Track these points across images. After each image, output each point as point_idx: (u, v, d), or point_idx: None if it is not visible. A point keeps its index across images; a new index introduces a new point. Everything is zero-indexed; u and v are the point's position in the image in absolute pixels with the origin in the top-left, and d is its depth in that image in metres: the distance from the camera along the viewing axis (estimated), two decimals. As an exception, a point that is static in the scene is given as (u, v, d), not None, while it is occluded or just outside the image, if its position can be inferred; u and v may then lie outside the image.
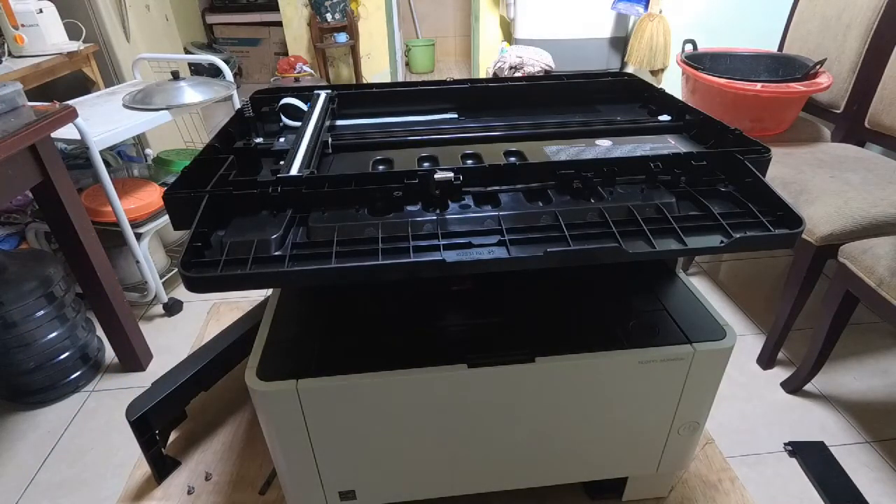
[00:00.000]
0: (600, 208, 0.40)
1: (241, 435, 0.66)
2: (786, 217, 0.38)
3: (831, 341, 1.29)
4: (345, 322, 0.49)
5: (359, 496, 0.51)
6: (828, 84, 1.48)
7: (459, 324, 0.49)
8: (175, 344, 1.66)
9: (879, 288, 1.11)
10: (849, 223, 1.24)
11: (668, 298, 0.51)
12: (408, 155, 0.50)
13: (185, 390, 0.63)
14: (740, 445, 1.32)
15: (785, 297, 1.40)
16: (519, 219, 0.40)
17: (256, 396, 0.44)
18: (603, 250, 0.36)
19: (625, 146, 0.51)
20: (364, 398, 0.44)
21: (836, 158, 1.52)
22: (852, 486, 1.19)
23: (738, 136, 0.48)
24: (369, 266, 0.35)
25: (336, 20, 3.16)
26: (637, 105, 0.64)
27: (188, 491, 0.60)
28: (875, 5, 1.50)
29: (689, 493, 0.59)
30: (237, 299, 0.90)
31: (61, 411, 1.44)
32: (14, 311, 1.32)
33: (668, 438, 0.51)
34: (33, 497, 1.23)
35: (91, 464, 1.29)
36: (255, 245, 0.36)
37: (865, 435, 1.33)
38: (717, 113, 0.52)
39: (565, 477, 0.55)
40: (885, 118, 1.51)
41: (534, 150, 0.51)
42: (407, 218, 0.40)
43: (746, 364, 1.55)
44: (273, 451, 0.48)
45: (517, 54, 2.58)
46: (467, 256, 0.36)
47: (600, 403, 0.48)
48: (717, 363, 0.47)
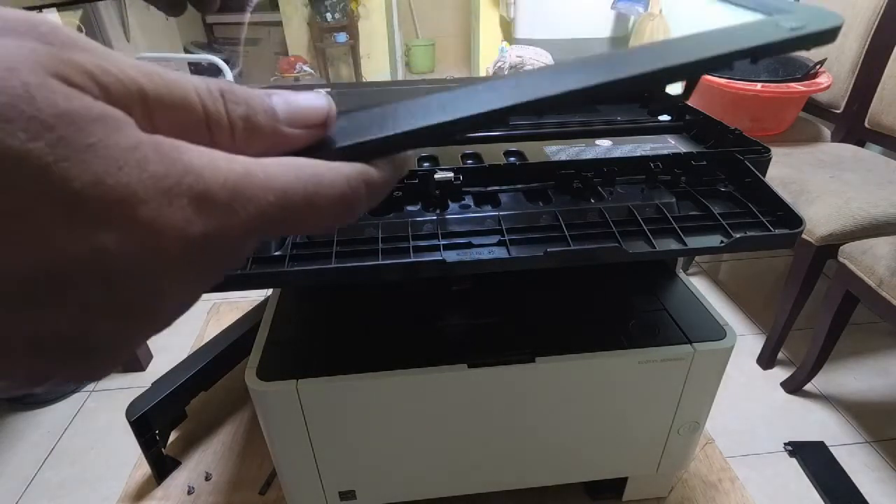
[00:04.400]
0: (600, 208, 0.40)
1: (241, 435, 0.66)
2: (786, 217, 0.38)
3: (831, 341, 1.29)
4: (345, 322, 0.49)
5: (359, 496, 0.51)
6: (828, 84, 1.48)
7: (459, 324, 0.49)
8: (175, 344, 1.66)
9: (879, 288, 1.11)
10: (849, 223, 1.24)
11: (668, 298, 0.51)
12: (408, 155, 0.50)
13: (185, 390, 0.63)
14: (740, 445, 1.32)
15: (785, 297, 1.40)
16: (519, 219, 0.40)
17: (256, 396, 0.44)
18: (603, 250, 0.36)
19: (625, 146, 0.51)
20: (364, 398, 0.44)
21: (836, 158, 1.52)
22: (852, 486, 1.19)
23: (738, 136, 0.48)
24: (369, 266, 0.35)
25: (336, 20, 3.16)
26: (637, 105, 0.63)
27: (188, 491, 0.60)
28: (875, 5, 1.50)
29: (689, 493, 0.59)
30: (237, 299, 0.90)
31: (61, 411, 1.44)
32: (14, 311, 1.33)
33: (668, 438, 0.51)
34: (33, 497, 1.23)
35: (91, 464, 1.29)
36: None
37: (865, 435, 1.33)
38: (717, 113, 0.52)
39: (565, 477, 0.55)
40: (885, 118, 1.51)
41: (534, 150, 0.51)
42: (407, 218, 0.40)
43: (746, 364, 1.55)
44: (273, 451, 0.48)
45: (517, 54, 2.58)
46: (467, 256, 0.36)
47: (600, 403, 0.48)
48: (718, 363, 0.47)
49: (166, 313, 0.14)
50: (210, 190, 0.13)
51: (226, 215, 0.13)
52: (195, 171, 0.12)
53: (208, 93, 0.14)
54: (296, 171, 0.14)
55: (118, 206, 0.11)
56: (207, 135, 0.14)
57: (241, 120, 0.15)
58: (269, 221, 0.14)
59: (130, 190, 0.11)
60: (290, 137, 0.16)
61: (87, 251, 0.11)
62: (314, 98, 0.16)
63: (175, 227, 0.12)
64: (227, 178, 0.13)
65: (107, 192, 0.11)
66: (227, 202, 0.13)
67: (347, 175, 0.16)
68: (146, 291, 0.13)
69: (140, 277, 0.12)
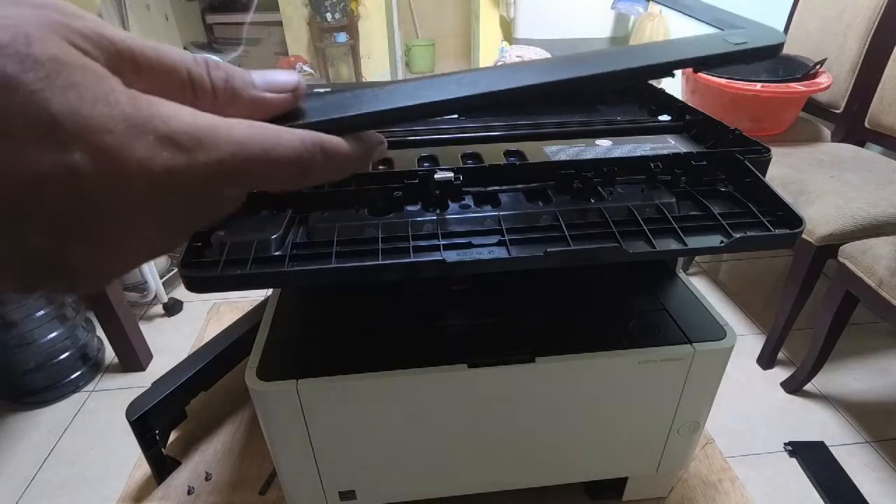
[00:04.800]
0: (600, 208, 0.40)
1: (241, 435, 0.66)
2: (786, 217, 0.38)
3: (831, 341, 1.29)
4: (345, 322, 0.49)
5: (359, 496, 0.51)
6: (828, 84, 1.48)
7: (459, 324, 0.49)
8: (175, 344, 1.66)
9: (879, 288, 1.11)
10: (849, 223, 1.24)
11: (668, 298, 0.51)
12: (408, 155, 0.50)
13: (185, 390, 0.63)
14: (740, 445, 1.32)
15: (785, 297, 1.40)
16: (519, 219, 0.40)
17: (256, 396, 0.44)
18: (603, 250, 0.36)
19: (625, 146, 0.51)
20: (364, 398, 0.44)
21: (836, 158, 1.52)
22: (852, 486, 1.19)
23: (738, 136, 0.48)
24: (369, 266, 0.35)
25: (336, 20, 3.16)
26: (637, 105, 0.64)
27: (188, 491, 0.60)
28: (875, 5, 1.50)
29: (689, 493, 0.59)
30: (237, 299, 0.90)
31: (61, 411, 1.44)
32: (14, 310, 1.32)
33: (668, 438, 0.51)
34: (33, 497, 1.23)
35: (91, 464, 1.29)
36: (255, 245, 0.36)
37: (865, 435, 1.33)
38: (717, 113, 0.52)
39: (565, 477, 0.55)
40: (885, 118, 1.51)
41: (534, 150, 0.51)
42: (407, 218, 0.40)
43: (746, 364, 1.55)
44: (273, 451, 0.48)
45: (517, 54, 2.58)
46: (467, 256, 0.36)
47: (600, 403, 0.48)
48: (718, 363, 0.47)
49: (134, 247, 0.16)
50: (175, 134, 0.15)
51: (188, 156, 0.15)
52: (162, 117, 0.15)
53: (193, 60, 0.17)
54: (257, 130, 0.17)
55: (87, 133, 0.13)
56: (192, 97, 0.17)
57: (221, 82, 0.17)
58: (229, 170, 0.16)
59: (100, 122, 0.14)
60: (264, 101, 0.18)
61: (60, 168, 0.13)
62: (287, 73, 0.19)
63: (139, 158, 0.14)
64: (191, 126, 0.15)
65: (80, 121, 0.13)
66: (189, 146, 0.15)
67: (303, 138, 0.18)
68: (113, 217, 0.15)
69: (107, 200, 0.14)
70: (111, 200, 0.14)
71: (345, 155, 0.19)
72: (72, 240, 0.14)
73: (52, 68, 0.13)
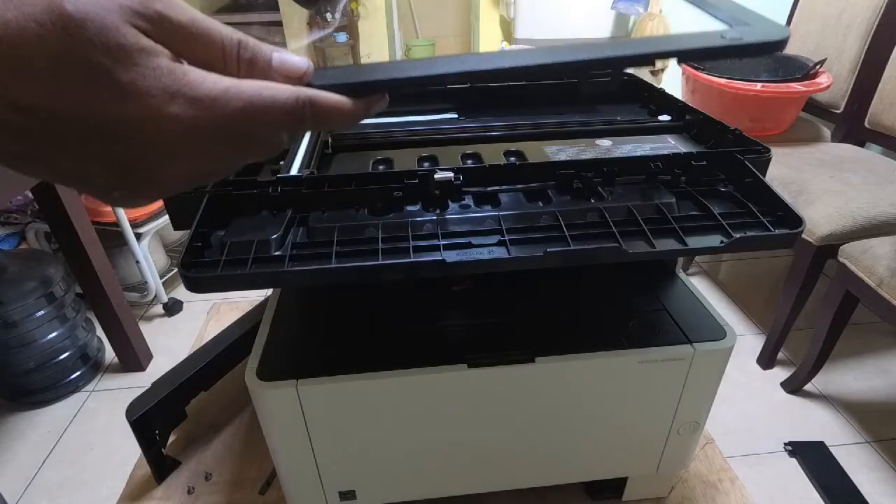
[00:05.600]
0: (600, 208, 0.40)
1: (240, 435, 0.66)
2: (786, 217, 0.38)
3: (831, 341, 1.29)
4: (345, 322, 0.49)
5: (359, 496, 0.51)
6: (828, 84, 1.48)
7: (459, 324, 0.49)
8: (175, 344, 1.66)
9: (879, 288, 1.11)
10: (849, 223, 1.24)
11: (668, 298, 0.51)
12: (408, 155, 0.50)
13: (185, 390, 0.63)
14: (740, 445, 1.32)
15: (785, 297, 1.40)
16: (519, 219, 0.40)
17: (256, 396, 0.44)
18: (603, 250, 0.36)
19: (625, 146, 0.51)
20: (364, 398, 0.44)
21: (836, 158, 1.52)
22: (852, 486, 1.19)
23: (738, 136, 0.48)
24: (369, 266, 0.35)
25: (336, 20, 3.16)
26: (637, 105, 0.64)
27: (188, 491, 0.60)
28: (875, 5, 1.50)
29: (689, 493, 0.59)
30: (237, 299, 0.90)
31: (61, 411, 1.44)
32: (14, 310, 1.32)
33: (668, 438, 0.51)
34: (33, 497, 1.23)
35: (91, 464, 1.30)
36: (255, 245, 0.36)
37: (865, 435, 1.33)
38: (717, 113, 0.52)
39: (565, 477, 0.55)
40: (885, 118, 1.51)
41: (534, 150, 0.51)
42: (407, 218, 0.40)
43: (746, 364, 1.55)
44: (273, 451, 0.48)
45: (517, 54, 2.58)
46: (467, 256, 0.36)
47: (600, 403, 0.48)
48: (718, 363, 0.47)
49: (164, 178, 0.23)
50: (199, 96, 0.21)
51: (208, 111, 0.21)
52: (191, 84, 0.21)
53: (230, 39, 0.23)
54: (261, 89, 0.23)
55: (138, 96, 0.20)
56: (223, 65, 0.23)
57: (245, 62, 0.23)
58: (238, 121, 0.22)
59: (148, 89, 0.20)
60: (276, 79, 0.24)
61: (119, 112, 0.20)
62: (300, 59, 0.25)
63: (172, 112, 0.21)
64: (212, 90, 0.21)
65: (134, 89, 0.20)
66: (209, 104, 0.21)
67: (298, 95, 0.23)
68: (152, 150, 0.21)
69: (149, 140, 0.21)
70: (150, 137, 0.21)
71: (336, 109, 0.25)
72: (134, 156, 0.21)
73: (119, 55, 0.19)
